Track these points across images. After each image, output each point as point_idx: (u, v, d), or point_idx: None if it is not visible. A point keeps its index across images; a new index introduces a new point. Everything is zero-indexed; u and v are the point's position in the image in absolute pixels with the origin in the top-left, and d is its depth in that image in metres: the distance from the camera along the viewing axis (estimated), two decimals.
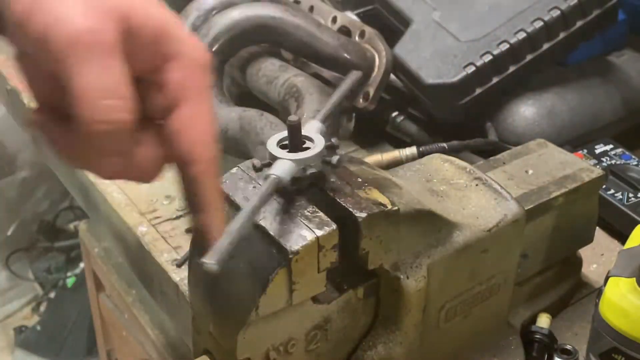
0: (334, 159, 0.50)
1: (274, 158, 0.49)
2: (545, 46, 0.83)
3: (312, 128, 0.52)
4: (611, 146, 0.84)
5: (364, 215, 0.48)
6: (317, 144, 0.50)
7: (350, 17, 0.91)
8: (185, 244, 0.74)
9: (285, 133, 0.50)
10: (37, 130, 0.42)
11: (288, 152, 0.50)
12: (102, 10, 0.39)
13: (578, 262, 0.69)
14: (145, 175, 0.44)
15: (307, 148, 0.50)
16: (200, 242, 0.45)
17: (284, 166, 0.48)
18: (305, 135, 0.51)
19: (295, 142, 0.50)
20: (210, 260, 0.40)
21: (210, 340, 0.52)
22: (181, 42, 0.43)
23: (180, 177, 0.44)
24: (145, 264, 0.76)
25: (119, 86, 0.39)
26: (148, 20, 0.42)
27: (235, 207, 0.50)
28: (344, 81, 0.57)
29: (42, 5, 0.39)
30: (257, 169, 0.50)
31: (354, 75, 0.57)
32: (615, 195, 0.77)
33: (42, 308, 2.10)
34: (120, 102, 0.39)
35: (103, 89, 0.39)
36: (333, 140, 0.51)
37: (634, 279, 0.52)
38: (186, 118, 0.43)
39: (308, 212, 0.48)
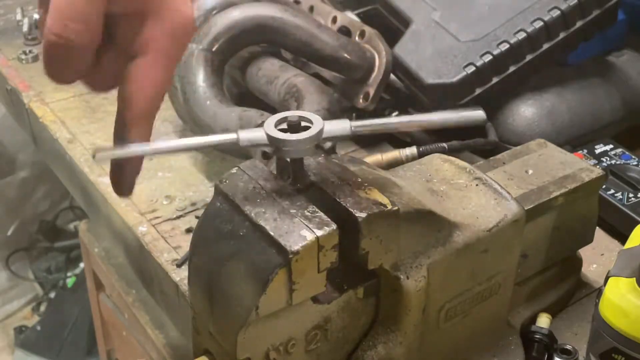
0: (327, 144, 0.49)
1: (276, 141, 0.48)
2: (545, 46, 0.83)
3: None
4: (611, 146, 0.84)
5: (364, 215, 0.48)
6: (316, 122, 0.49)
7: (350, 17, 0.91)
8: (185, 244, 0.74)
9: (279, 116, 0.50)
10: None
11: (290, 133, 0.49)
12: None
13: (578, 262, 0.69)
14: (96, 87, 0.48)
15: (307, 127, 0.49)
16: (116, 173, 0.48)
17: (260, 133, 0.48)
18: (303, 117, 0.50)
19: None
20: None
21: (210, 340, 0.52)
22: (165, 4, 0.45)
23: (117, 118, 0.47)
24: (145, 264, 0.76)
25: (87, 13, 0.43)
26: None
27: (235, 208, 0.50)
28: None
29: None
30: (267, 157, 0.49)
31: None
32: (615, 195, 0.77)
33: (42, 308, 2.10)
34: (82, 27, 0.42)
35: (71, 12, 0.42)
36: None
37: (634, 279, 0.52)
38: (138, 69, 0.45)
39: (308, 212, 0.48)
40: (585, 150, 0.83)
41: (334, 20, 0.90)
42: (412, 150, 0.81)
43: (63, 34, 0.42)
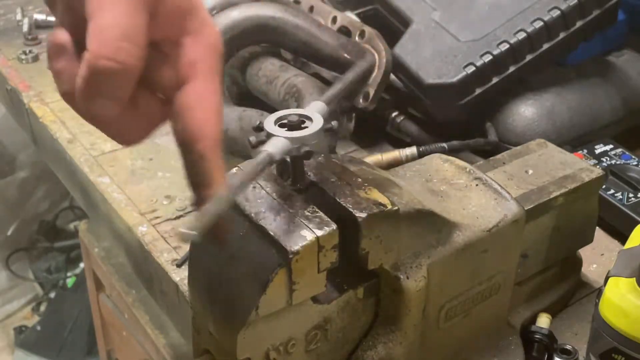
0: (335, 123, 0.50)
1: (270, 136, 0.49)
2: (545, 46, 0.83)
3: (314, 108, 0.51)
4: (611, 146, 0.84)
5: (364, 215, 0.48)
6: (316, 123, 0.49)
7: (350, 17, 0.91)
8: (185, 244, 0.74)
9: (282, 112, 0.50)
10: (50, 49, 0.43)
11: (286, 131, 0.49)
12: None
13: (578, 262, 0.69)
14: (130, 136, 0.45)
15: (306, 127, 0.49)
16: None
17: (278, 143, 0.47)
18: (304, 115, 0.50)
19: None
20: (188, 230, 0.41)
21: (210, 340, 0.52)
22: (204, 22, 0.44)
23: (185, 154, 0.44)
24: (145, 264, 0.76)
25: (136, 33, 0.40)
26: None
27: (235, 208, 0.50)
28: (353, 68, 0.56)
29: None
30: (253, 146, 0.50)
31: (364, 64, 0.56)
32: (615, 195, 0.77)
33: (42, 308, 2.10)
34: (134, 47, 0.39)
35: (121, 31, 0.39)
36: (333, 123, 0.51)
37: (634, 279, 0.52)
38: (196, 95, 0.43)
39: (308, 212, 0.48)
40: (585, 150, 0.83)
41: (334, 20, 0.90)
42: (412, 150, 0.81)
43: (117, 58, 0.38)
